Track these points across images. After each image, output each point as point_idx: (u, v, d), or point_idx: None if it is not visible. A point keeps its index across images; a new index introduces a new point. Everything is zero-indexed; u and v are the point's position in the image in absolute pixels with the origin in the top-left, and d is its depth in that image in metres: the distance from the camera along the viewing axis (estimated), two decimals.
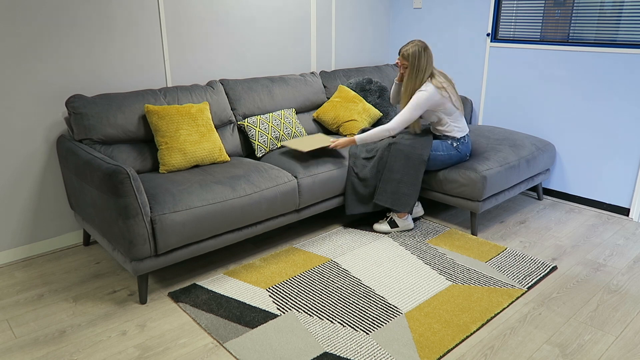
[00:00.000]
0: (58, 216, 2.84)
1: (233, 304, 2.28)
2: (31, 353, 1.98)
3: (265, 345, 2.00)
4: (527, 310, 2.26)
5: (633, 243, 2.93)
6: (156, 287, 2.46)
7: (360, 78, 3.70)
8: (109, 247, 2.38)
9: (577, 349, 2.00)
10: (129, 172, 2.11)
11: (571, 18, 3.31)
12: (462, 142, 2.96)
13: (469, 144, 3.01)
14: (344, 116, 3.42)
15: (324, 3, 3.83)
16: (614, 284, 2.49)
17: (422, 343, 2.01)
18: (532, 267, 2.62)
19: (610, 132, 3.27)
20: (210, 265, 2.67)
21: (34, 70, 2.58)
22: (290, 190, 2.69)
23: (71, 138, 2.62)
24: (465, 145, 2.98)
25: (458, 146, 2.95)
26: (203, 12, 3.15)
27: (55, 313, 2.25)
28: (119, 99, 2.66)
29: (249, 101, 3.18)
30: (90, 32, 2.72)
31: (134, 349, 2.00)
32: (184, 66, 3.14)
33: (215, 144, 2.78)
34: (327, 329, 2.10)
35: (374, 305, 2.27)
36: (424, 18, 4.14)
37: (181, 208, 2.27)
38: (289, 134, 3.17)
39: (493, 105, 3.85)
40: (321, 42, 3.91)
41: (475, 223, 2.99)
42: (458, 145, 2.95)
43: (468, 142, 3.00)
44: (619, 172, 3.28)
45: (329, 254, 2.76)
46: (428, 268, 2.60)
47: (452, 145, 2.95)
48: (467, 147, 2.99)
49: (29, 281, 2.52)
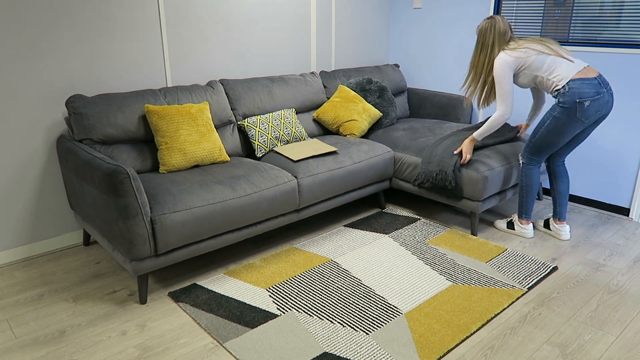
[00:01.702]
0: (58, 216, 2.84)
1: (233, 304, 2.28)
2: (31, 353, 1.98)
3: (265, 345, 2.00)
4: (527, 311, 2.26)
5: (633, 243, 2.93)
6: (156, 287, 2.46)
7: (360, 78, 3.70)
8: (109, 247, 2.38)
9: (577, 349, 2.00)
10: (129, 172, 2.11)
11: (571, 18, 3.31)
12: (564, 92, 2.55)
13: (578, 89, 2.52)
14: (344, 116, 3.42)
15: (324, 3, 3.83)
16: (614, 284, 2.49)
17: (422, 343, 2.01)
18: (532, 268, 2.62)
19: (610, 132, 3.27)
20: (210, 265, 2.67)
21: (34, 70, 2.58)
22: (290, 190, 2.69)
23: (71, 138, 2.62)
24: (572, 93, 2.53)
25: (560, 100, 2.56)
26: (203, 12, 3.15)
27: (55, 313, 2.25)
28: (119, 99, 2.66)
29: (249, 101, 3.18)
30: (91, 32, 2.72)
31: (134, 349, 2.00)
32: (184, 66, 3.14)
33: (215, 144, 2.78)
34: (327, 329, 2.10)
35: (374, 305, 2.27)
36: (424, 18, 4.14)
37: (181, 208, 2.27)
38: (289, 134, 3.17)
39: (493, 105, 3.84)
40: (321, 42, 3.91)
41: (475, 223, 2.99)
42: (560, 99, 2.56)
43: (578, 87, 2.53)
44: (619, 172, 3.28)
45: (329, 254, 2.76)
46: (428, 268, 2.60)
47: (557, 102, 2.58)
48: (575, 93, 2.52)
49: (29, 281, 2.52)
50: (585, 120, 2.58)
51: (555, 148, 2.73)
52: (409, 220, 3.22)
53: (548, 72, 2.61)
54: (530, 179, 2.85)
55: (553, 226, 2.99)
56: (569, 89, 2.54)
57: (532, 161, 2.82)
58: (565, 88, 2.55)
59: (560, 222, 2.97)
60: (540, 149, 2.75)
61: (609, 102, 2.59)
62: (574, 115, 2.56)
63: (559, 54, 2.62)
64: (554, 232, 2.99)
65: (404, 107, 4.13)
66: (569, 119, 2.58)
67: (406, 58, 4.36)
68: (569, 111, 2.56)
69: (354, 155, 3.04)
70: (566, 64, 2.59)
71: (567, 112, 2.56)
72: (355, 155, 3.05)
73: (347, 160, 2.99)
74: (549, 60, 2.61)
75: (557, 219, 2.98)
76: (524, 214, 2.96)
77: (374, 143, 3.25)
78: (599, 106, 2.56)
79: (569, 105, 2.54)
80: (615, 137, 3.25)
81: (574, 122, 2.58)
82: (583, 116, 2.56)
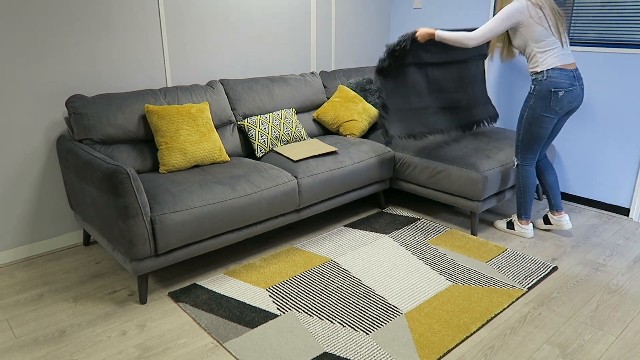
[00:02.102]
0: (58, 216, 2.84)
1: (233, 303, 2.28)
2: (31, 353, 1.98)
3: (265, 345, 2.00)
4: (527, 311, 2.26)
5: (633, 243, 2.93)
6: (156, 287, 2.46)
7: (360, 78, 3.70)
8: (109, 247, 2.39)
9: (577, 349, 2.00)
10: (129, 172, 2.11)
11: (571, 18, 3.31)
12: (541, 78, 2.56)
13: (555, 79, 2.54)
14: (344, 116, 3.42)
15: (324, 3, 3.83)
16: (614, 284, 2.49)
17: (422, 343, 2.01)
18: (533, 268, 2.62)
19: (610, 132, 3.27)
20: (210, 265, 2.67)
21: (34, 70, 2.58)
22: (290, 190, 2.69)
23: (71, 138, 2.62)
24: (548, 82, 2.54)
25: (535, 88, 2.58)
26: (203, 12, 3.15)
27: (55, 313, 2.25)
28: (119, 99, 2.66)
29: (249, 101, 3.18)
30: (91, 32, 2.72)
31: (134, 349, 2.00)
32: (184, 66, 3.14)
33: (215, 144, 2.78)
34: (327, 329, 2.10)
35: (374, 305, 2.27)
36: (424, 18, 4.14)
37: (181, 208, 2.27)
38: (289, 134, 3.17)
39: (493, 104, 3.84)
40: (321, 42, 3.91)
41: (475, 223, 2.99)
42: (535, 87, 2.58)
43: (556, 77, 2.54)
44: (619, 172, 3.28)
45: (329, 254, 2.76)
46: (428, 268, 2.60)
47: (530, 91, 2.61)
48: (551, 82, 2.54)
49: (29, 281, 2.52)
50: (558, 111, 2.63)
51: (543, 140, 2.74)
52: (409, 220, 3.22)
53: (541, 48, 2.59)
54: (527, 179, 2.86)
55: (553, 219, 3.00)
56: (547, 77, 2.57)
57: (526, 160, 2.83)
58: (544, 75, 2.58)
59: (559, 212, 2.98)
60: (529, 144, 2.76)
61: (580, 96, 2.67)
62: (547, 104, 2.61)
63: (560, 39, 2.60)
64: (555, 225, 3.00)
65: None
66: (544, 107, 2.62)
67: None
68: (543, 100, 2.60)
69: (354, 155, 3.04)
70: (559, 51, 2.60)
71: (542, 100, 2.61)
72: (355, 155, 3.05)
73: (347, 160, 2.99)
74: (550, 39, 2.58)
75: (554, 211, 2.99)
76: (524, 215, 2.96)
77: (374, 143, 3.25)
78: (572, 98, 2.62)
79: (543, 95, 2.59)
80: (616, 137, 3.25)
81: (548, 111, 2.63)
82: (557, 106, 2.61)
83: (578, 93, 2.65)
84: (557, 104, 2.60)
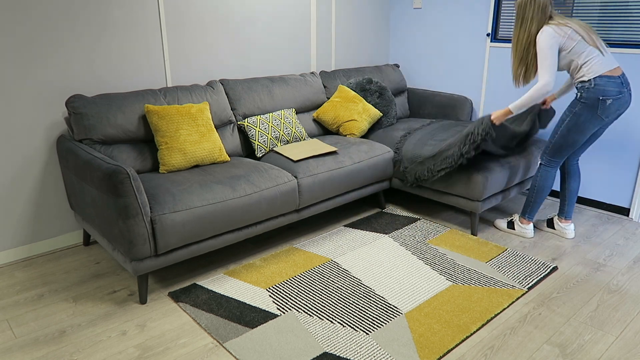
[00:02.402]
0: (58, 216, 2.84)
1: (233, 303, 2.28)
2: (31, 353, 1.98)
3: (265, 345, 2.00)
4: (527, 311, 2.26)
5: (633, 243, 2.93)
6: (156, 287, 2.46)
7: (360, 78, 3.70)
8: (109, 247, 2.39)
9: (577, 349, 2.00)
10: (129, 172, 2.11)
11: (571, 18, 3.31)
12: (588, 86, 2.53)
13: (603, 87, 2.51)
14: (344, 116, 3.42)
15: (324, 3, 3.83)
16: (614, 284, 2.49)
17: (422, 343, 2.01)
18: (533, 268, 2.62)
19: (610, 132, 3.27)
20: (210, 265, 2.67)
21: (34, 70, 2.58)
22: (290, 190, 2.69)
23: (71, 138, 2.62)
24: (596, 89, 2.51)
25: (582, 95, 2.55)
26: (203, 12, 3.15)
27: (55, 313, 2.25)
28: (119, 99, 2.66)
29: (249, 101, 3.18)
30: (91, 32, 2.72)
31: (134, 349, 2.00)
32: (184, 66, 3.14)
33: (215, 144, 2.78)
34: (327, 329, 2.10)
35: (374, 305, 2.27)
36: (424, 18, 4.14)
37: (181, 208, 2.27)
38: (289, 134, 3.17)
39: (493, 105, 3.85)
40: (321, 42, 3.91)
41: (475, 223, 2.99)
42: (582, 94, 2.55)
43: (603, 85, 2.51)
44: (619, 172, 3.28)
45: (329, 254, 2.76)
46: (428, 268, 2.60)
47: (577, 98, 2.58)
48: (599, 90, 2.51)
49: (29, 281, 2.52)
50: (605, 119, 2.57)
51: (575, 147, 2.69)
52: (409, 220, 3.22)
53: (584, 60, 2.56)
54: (546, 181, 2.82)
55: (558, 225, 2.99)
56: (594, 84, 2.52)
57: (551, 162, 2.78)
58: (591, 83, 2.53)
59: (567, 220, 2.97)
60: (560, 149, 2.72)
61: (628, 101, 2.60)
62: (595, 112, 2.55)
63: (596, 46, 2.57)
64: (558, 231, 2.99)
65: (404, 107, 4.13)
66: (590, 115, 2.56)
67: (406, 58, 4.36)
68: (590, 108, 2.54)
69: (354, 155, 3.04)
70: (600, 58, 2.56)
71: (588, 108, 2.55)
72: (355, 155, 3.05)
73: (347, 160, 2.99)
74: (589, 49, 2.56)
75: (562, 218, 2.97)
76: (528, 214, 2.95)
77: (374, 143, 3.25)
78: (620, 105, 2.56)
79: (591, 102, 2.53)
80: (615, 137, 3.25)
81: (594, 120, 2.57)
82: (604, 114, 2.55)
83: (627, 99, 2.57)
84: (604, 112, 2.54)
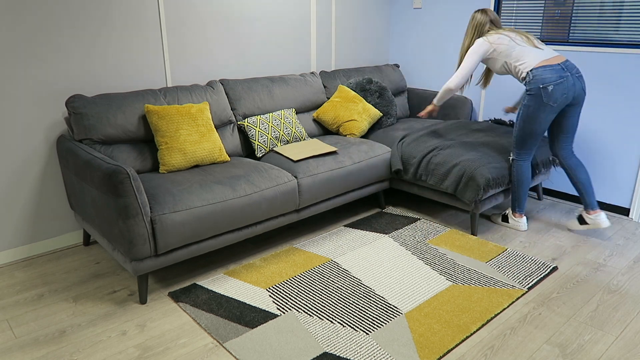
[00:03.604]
0: (58, 216, 2.84)
1: (233, 304, 2.28)
2: (31, 353, 1.98)
3: (265, 345, 2.00)
4: (527, 310, 2.26)
5: (633, 243, 2.93)
6: (156, 287, 2.46)
7: (360, 78, 3.70)
8: (109, 247, 2.39)
9: (577, 349, 2.00)
10: (129, 172, 2.11)
11: (571, 18, 3.31)
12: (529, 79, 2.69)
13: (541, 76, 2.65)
14: (344, 116, 3.42)
15: (324, 3, 3.83)
16: (614, 284, 2.49)
17: (422, 343, 2.01)
18: (533, 268, 2.62)
19: (610, 132, 3.27)
20: (210, 265, 2.67)
21: (34, 70, 2.58)
22: (290, 190, 2.69)
23: (71, 138, 2.62)
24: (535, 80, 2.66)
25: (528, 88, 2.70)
26: (203, 12, 3.15)
27: (55, 313, 2.25)
28: (119, 99, 2.66)
29: (249, 101, 3.18)
30: (91, 32, 2.72)
31: (134, 349, 2.00)
32: (184, 66, 3.14)
33: (215, 144, 2.78)
34: (327, 329, 2.10)
35: (374, 305, 2.27)
36: (424, 18, 4.14)
37: (181, 208, 2.27)
38: (289, 134, 3.17)
39: (493, 104, 3.85)
40: (321, 42, 3.91)
41: (475, 223, 2.99)
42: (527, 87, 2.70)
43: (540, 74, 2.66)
44: (619, 172, 3.28)
45: (329, 254, 2.76)
46: (428, 268, 2.60)
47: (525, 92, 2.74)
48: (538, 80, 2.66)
49: (29, 281, 2.52)
50: (553, 104, 2.68)
51: (538, 137, 2.81)
52: (409, 220, 3.22)
53: (515, 59, 2.76)
54: (521, 173, 2.93)
55: (589, 218, 2.94)
56: (532, 76, 2.68)
57: (520, 155, 2.90)
58: (530, 75, 2.69)
59: (594, 211, 2.92)
60: (524, 140, 2.84)
61: (576, 84, 2.70)
62: (540, 100, 2.68)
63: (533, 45, 2.77)
64: (592, 224, 2.94)
65: (404, 107, 4.13)
66: (538, 104, 2.70)
67: (406, 58, 4.36)
68: (535, 97, 2.69)
69: (354, 155, 3.04)
70: (535, 52, 2.74)
71: (534, 98, 2.70)
72: (355, 155, 3.05)
73: (347, 160, 2.99)
74: (519, 48, 2.76)
75: (590, 210, 2.93)
76: (517, 208, 3.04)
77: (374, 143, 3.25)
78: (565, 89, 2.66)
79: (535, 92, 2.68)
80: (615, 137, 3.25)
81: (542, 107, 2.70)
82: (550, 100, 2.67)
83: (573, 82, 2.68)
84: (549, 98, 2.66)
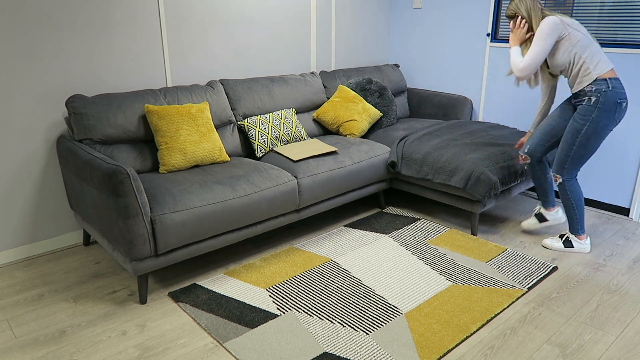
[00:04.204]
0: (58, 216, 2.84)
1: (233, 304, 2.28)
2: (31, 353, 1.98)
3: (265, 345, 2.00)
4: (527, 311, 2.26)
5: (633, 243, 2.93)
6: (156, 287, 2.46)
7: (360, 78, 3.70)
8: (109, 247, 2.39)
9: (577, 349, 2.00)
10: (129, 172, 2.11)
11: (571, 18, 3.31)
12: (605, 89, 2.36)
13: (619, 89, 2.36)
14: (344, 116, 3.42)
15: (324, 3, 3.83)
16: (614, 284, 2.49)
17: (422, 343, 2.01)
18: (533, 268, 2.62)
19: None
20: (210, 265, 2.67)
21: (34, 70, 2.58)
22: (290, 190, 2.69)
23: (71, 138, 2.62)
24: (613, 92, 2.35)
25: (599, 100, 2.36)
26: (203, 12, 3.15)
27: (55, 313, 2.25)
28: (119, 99, 2.66)
29: (249, 101, 3.18)
30: (91, 32, 2.72)
31: (134, 349, 2.00)
32: (184, 66, 3.14)
33: (215, 144, 2.78)
34: (327, 329, 2.10)
35: (374, 305, 2.27)
36: (424, 18, 4.14)
37: (181, 208, 2.27)
38: (289, 134, 3.17)
39: (493, 105, 3.85)
40: (321, 42, 3.91)
41: (475, 223, 2.99)
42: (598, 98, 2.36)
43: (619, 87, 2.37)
44: (619, 172, 3.28)
45: (329, 254, 2.76)
46: (428, 268, 2.60)
47: (591, 104, 2.39)
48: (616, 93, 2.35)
49: (29, 281, 2.52)
50: (618, 122, 2.45)
51: (593, 154, 2.56)
52: (409, 220, 3.22)
53: (590, 56, 2.40)
54: (578, 193, 2.67)
55: (550, 215, 2.92)
56: (612, 87, 2.37)
57: (571, 175, 2.63)
58: (608, 85, 2.37)
59: (554, 208, 2.91)
60: (581, 159, 2.56)
61: None
62: (612, 116, 2.40)
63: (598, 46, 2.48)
64: (553, 220, 2.92)
65: (404, 107, 4.13)
66: (608, 120, 2.41)
67: (406, 58, 4.36)
68: (607, 112, 2.40)
69: (354, 155, 3.04)
70: (605, 57, 2.43)
71: (606, 113, 2.40)
72: (355, 155, 3.05)
73: (347, 160, 2.99)
74: (594, 46, 2.42)
75: (550, 207, 2.91)
76: (580, 229, 2.77)
77: (374, 143, 3.25)
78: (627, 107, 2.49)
79: (609, 107, 2.38)
80: (615, 137, 3.25)
81: (610, 124, 2.43)
82: (619, 117, 2.44)
83: None
84: (620, 115, 2.42)
